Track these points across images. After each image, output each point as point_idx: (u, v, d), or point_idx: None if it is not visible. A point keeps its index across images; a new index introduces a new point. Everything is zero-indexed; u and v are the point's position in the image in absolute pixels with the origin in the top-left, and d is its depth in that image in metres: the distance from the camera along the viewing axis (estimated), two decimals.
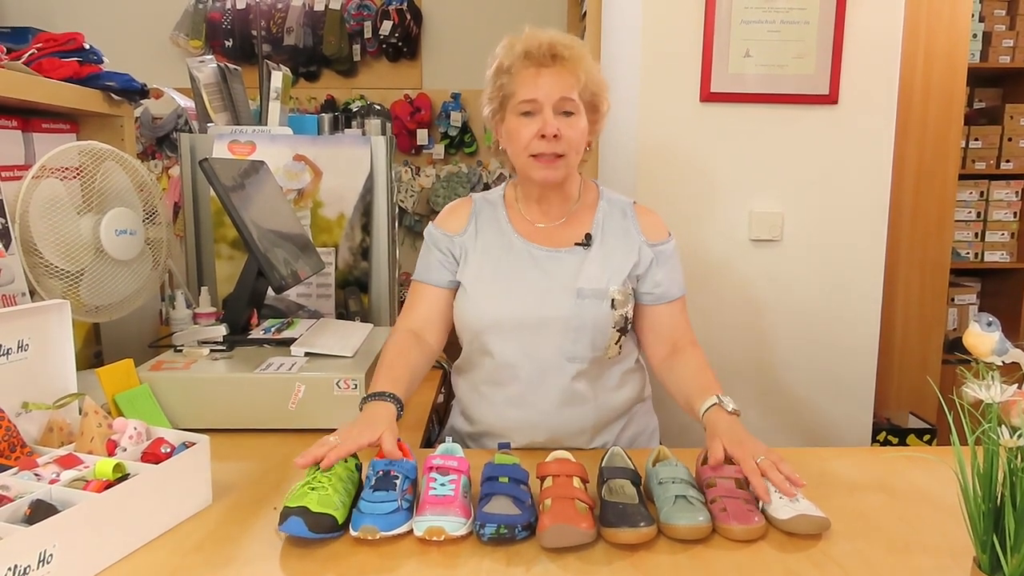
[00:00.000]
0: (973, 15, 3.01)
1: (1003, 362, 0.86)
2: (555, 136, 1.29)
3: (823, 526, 1.02)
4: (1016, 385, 0.78)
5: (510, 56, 1.32)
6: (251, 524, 1.04)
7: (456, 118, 4.49)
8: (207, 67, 1.97)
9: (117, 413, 1.25)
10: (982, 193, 3.28)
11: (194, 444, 1.08)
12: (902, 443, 2.45)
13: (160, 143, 2.89)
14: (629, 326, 1.39)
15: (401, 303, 1.57)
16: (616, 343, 1.37)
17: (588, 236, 1.39)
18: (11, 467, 0.99)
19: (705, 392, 1.25)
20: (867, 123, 1.96)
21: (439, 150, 4.54)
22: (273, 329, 1.60)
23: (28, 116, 1.65)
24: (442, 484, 1.03)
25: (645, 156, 1.98)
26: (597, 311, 1.34)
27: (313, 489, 1.00)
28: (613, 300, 1.35)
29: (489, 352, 1.38)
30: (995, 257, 3.31)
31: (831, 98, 1.93)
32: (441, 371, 1.84)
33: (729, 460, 1.12)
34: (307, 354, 1.46)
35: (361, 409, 1.21)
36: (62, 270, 1.41)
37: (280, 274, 1.52)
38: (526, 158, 1.33)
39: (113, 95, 1.79)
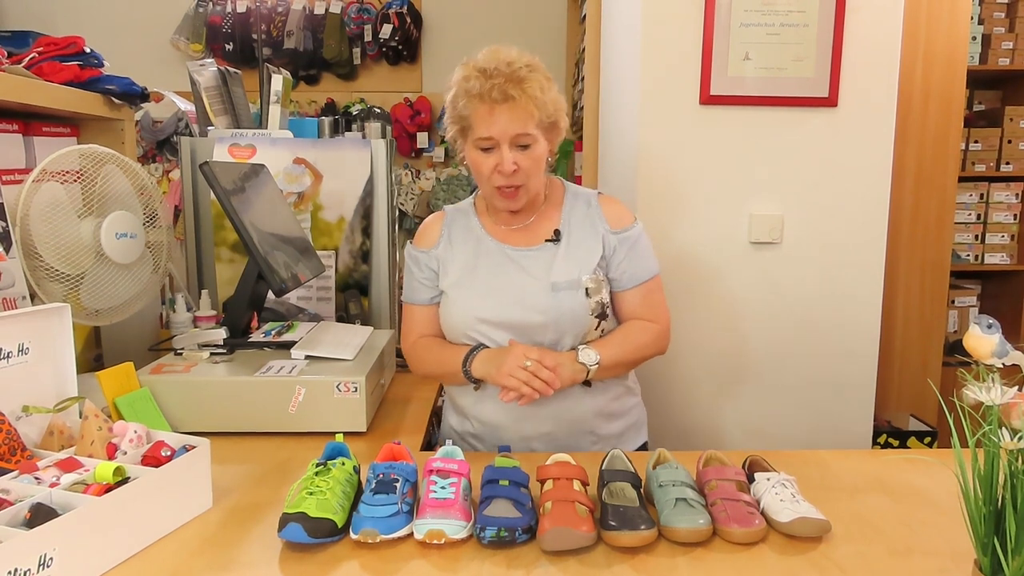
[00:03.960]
0: (972, 17, 3.01)
1: (1003, 364, 0.86)
2: (514, 172, 1.34)
3: (823, 528, 1.01)
4: (1016, 387, 0.78)
5: (465, 91, 1.33)
6: (251, 527, 1.04)
7: None
8: (207, 71, 1.97)
9: (117, 416, 1.25)
10: (982, 195, 3.28)
11: (194, 447, 1.08)
12: (903, 445, 2.45)
13: (160, 146, 2.89)
14: (607, 311, 1.42)
15: (401, 306, 1.58)
16: (596, 328, 1.41)
17: (557, 232, 1.43)
18: (11, 471, 0.99)
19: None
20: (867, 126, 1.96)
21: (439, 153, 4.55)
22: (273, 332, 1.60)
23: (29, 120, 1.66)
24: (442, 487, 1.03)
25: (645, 159, 1.98)
26: (573, 302, 1.38)
27: (311, 494, 1.00)
28: (587, 289, 1.38)
29: None
30: (995, 259, 3.31)
31: (831, 101, 1.93)
32: None
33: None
34: (307, 357, 1.46)
35: (467, 366, 1.36)
36: (62, 273, 1.41)
37: (280, 277, 1.52)
38: (490, 189, 1.38)
39: (114, 99, 1.79)
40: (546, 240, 1.43)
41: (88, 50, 1.75)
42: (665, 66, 1.93)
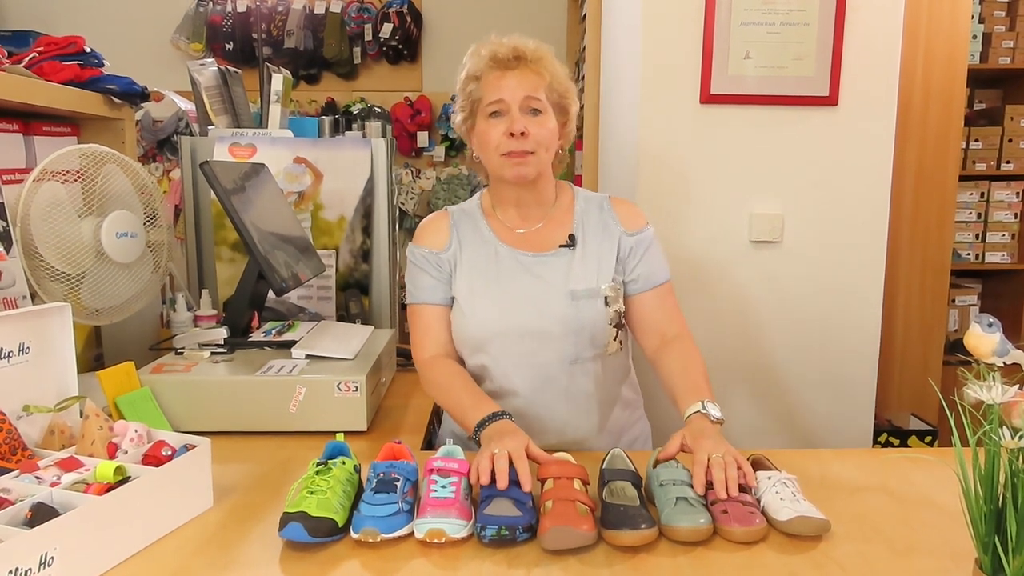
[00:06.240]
0: (973, 16, 3.01)
1: (1004, 363, 0.86)
2: (523, 134, 1.29)
3: (824, 528, 1.01)
4: (1017, 386, 0.78)
5: (477, 62, 1.34)
6: (252, 527, 1.04)
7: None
8: (208, 70, 1.97)
9: (118, 416, 1.25)
10: (982, 194, 3.28)
11: (195, 447, 1.08)
12: (903, 444, 2.45)
13: (161, 146, 2.90)
14: (623, 320, 1.40)
15: (402, 305, 1.57)
16: (615, 339, 1.38)
17: (572, 237, 1.39)
18: (12, 470, 0.99)
19: (691, 395, 1.24)
20: (867, 125, 1.96)
21: (439, 152, 4.55)
22: (274, 331, 1.60)
23: (29, 119, 1.66)
24: (443, 486, 1.03)
25: (645, 158, 1.98)
26: (592, 311, 1.34)
27: (312, 493, 1.00)
28: (606, 298, 1.35)
29: (491, 363, 1.37)
30: (996, 258, 3.31)
31: (831, 100, 1.93)
32: None
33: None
34: (308, 356, 1.46)
35: (476, 436, 1.19)
36: (63, 273, 1.41)
37: (281, 277, 1.52)
38: (498, 158, 1.33)
39: (114, 98, 1.79)
40: (560, 245, 1.38)
41: (88, 50, 1.75)
42: (665, 65, 1.93)
